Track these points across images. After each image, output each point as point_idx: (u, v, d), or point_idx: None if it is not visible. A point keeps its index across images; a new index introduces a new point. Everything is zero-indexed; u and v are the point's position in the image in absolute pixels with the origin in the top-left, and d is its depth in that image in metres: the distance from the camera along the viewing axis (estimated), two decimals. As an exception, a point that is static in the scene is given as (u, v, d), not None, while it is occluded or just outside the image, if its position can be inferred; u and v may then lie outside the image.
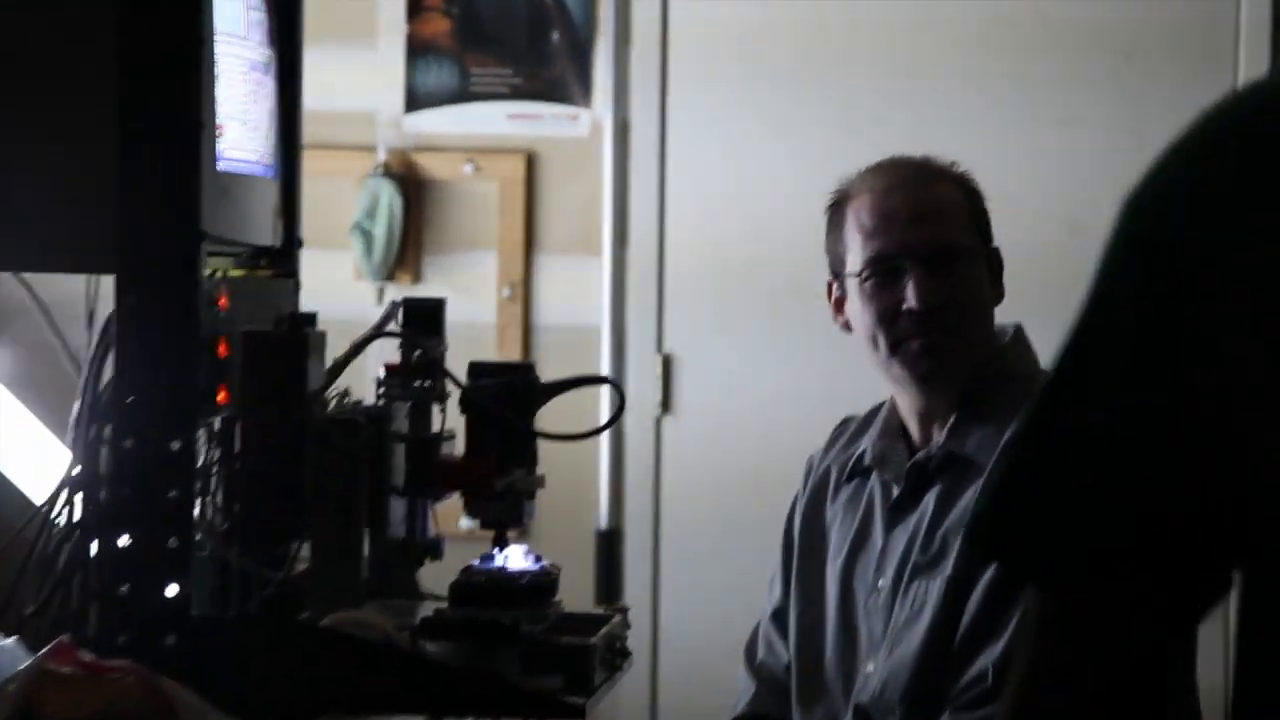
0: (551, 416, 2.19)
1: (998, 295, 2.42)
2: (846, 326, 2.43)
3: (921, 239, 2.35)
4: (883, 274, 2.35)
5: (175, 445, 1.98)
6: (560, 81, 4.14)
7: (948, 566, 2.30)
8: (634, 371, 4.09)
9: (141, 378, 1.98)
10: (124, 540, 1.97)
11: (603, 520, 4.15)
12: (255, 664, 1.98)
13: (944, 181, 2.40)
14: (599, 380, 2.33)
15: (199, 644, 1.96)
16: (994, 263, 2.42)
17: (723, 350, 4.11)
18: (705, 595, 4.04)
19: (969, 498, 2.31)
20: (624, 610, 2.27)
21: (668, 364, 4.13)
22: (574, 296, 4.15)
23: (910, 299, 2.33)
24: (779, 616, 2.53)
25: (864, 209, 2.38)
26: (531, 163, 4.15)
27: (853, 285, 2.39)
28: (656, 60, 4.11)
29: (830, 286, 2.44)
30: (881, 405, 2.50)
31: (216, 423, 2.13)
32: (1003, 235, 2.27)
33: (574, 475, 4.06)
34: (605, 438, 4.11)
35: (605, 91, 4.11)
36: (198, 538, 2.05)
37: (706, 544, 4.08)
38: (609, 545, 4.13)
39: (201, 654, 1.95)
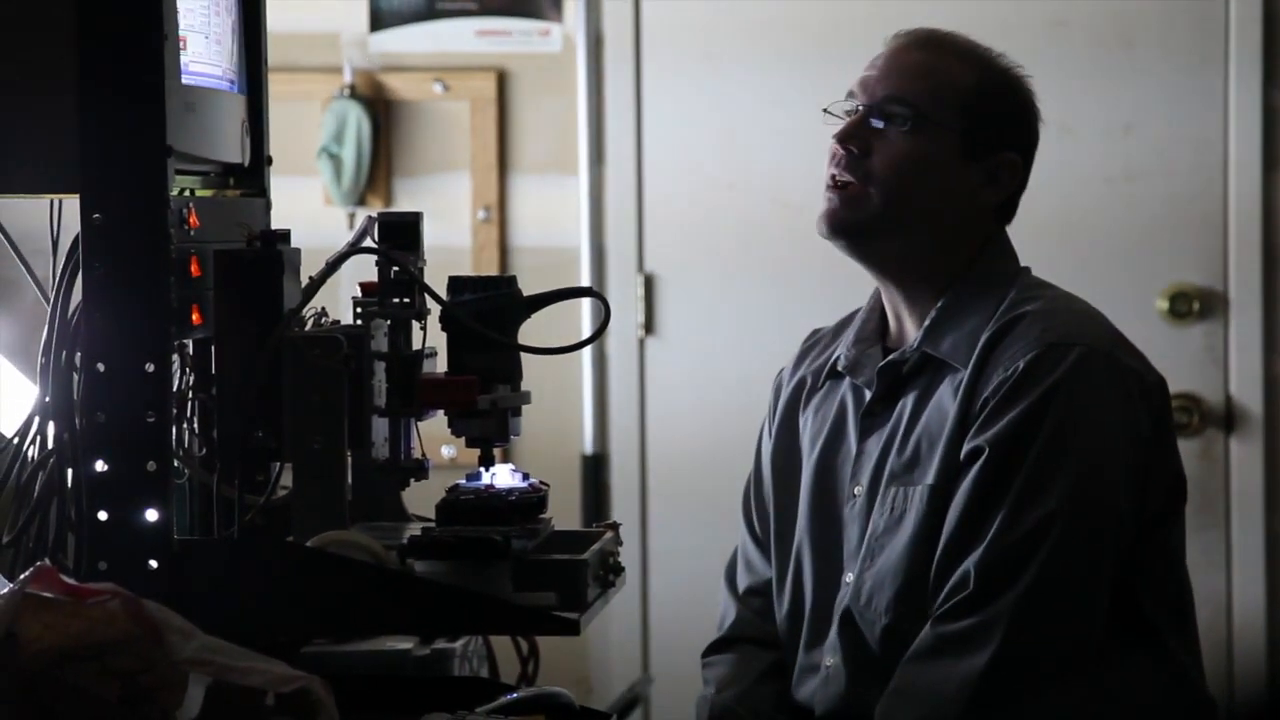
0: (532, 339, 2.14)
1: (988, 199, 2.37)
2: None
3: (871, 85, 2.36)
4: (850, 112, 2.37)
5: (150, 367, 1.94)
6: (530, -5, 4.09)
7: (928, 474, 2.28)
8: (615, 292, 4.06)
9: (111, 299, 1.94)
10: (100, 466, 1.93)
11: (588, 445, 4.11)
12: (241, 588, 1.95)
13: (950, 54, 2.38)
14: (583, 292, 2.27)
15: (182, 569, 1.92)
16: (989, 162, 2.36)
17: (705, 268, 4.07)
18: (693, 515, 4.01)
19: (942, 400, 2.30)
20: (615, 526, 2.23)
21: (649, 284, 4.09)
22: (551, 217, 4.11)
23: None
24: (755, 535, 2.52)
25: None
26: (503, 80, 4.10)
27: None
28: (629, -30, 4.05)
29: None
30: (852, 314, 2.48)
31: (190, 345, 2.09)
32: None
33: (557, 400, 4.03)
34: (588, 361, 4.08)
35: (577, 5, 4.05)
36: (176, 464, 2.00)
37: (693, 465, 4.05)
38: (595, 470, 4.10)
39: (185, 579, 1.92)
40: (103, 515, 1.93)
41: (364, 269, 2.16)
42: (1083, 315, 2.34)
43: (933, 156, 2.34)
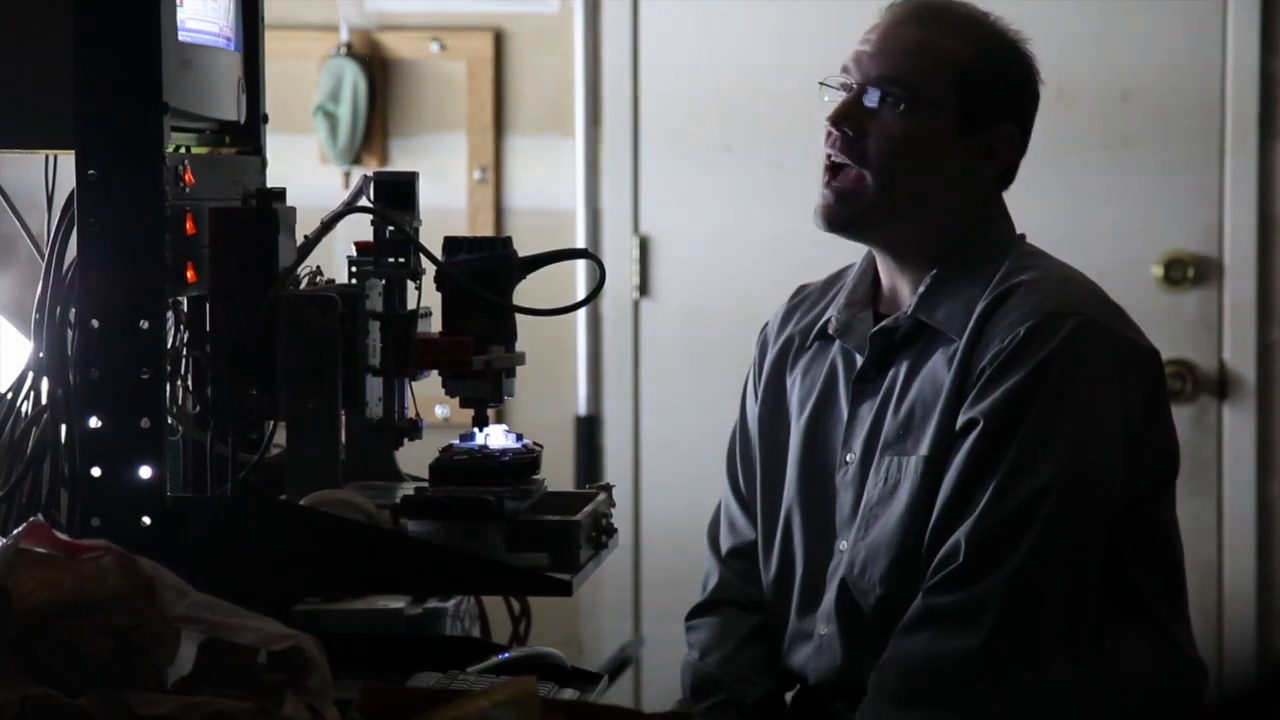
0: (527, 300, 2.14)
1: (985, 172, 2.34)
2: None
3: (864, 63, 2.32)
4: (845, 87, 2.34)
5: (144, 324, 1.94)
6: (528, -45, 4.08)
7: (922, 444, 2.27)
8: (610, 253, 4.06)
9: (106, 256, 1.94)
10: (94, 422, 1.94)
11: (581, 406, 4.12)
12: (233, 545, 1.95)
13: (945, 28, 2.34)
14: (578, 254, 2.26)
15: (175, 526, 1.93)
16: (986, 136, 2.33)
17: (700, 230, 4.07)
18: (686, 477, 4.02)
19: (935, 368, 2.29)
20: (608, 488, 2.23)
21: (644, 245, 4.09)
22: (547, 178, 4.10)
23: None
24: (739, 495, 2.51)
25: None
26: (500, 40, 4.09)
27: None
28: (627, -70, 4.04)
29: None
30: (842, 271, 2.46)
31: (185, 303, 2.09)
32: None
33: (551, 361, 4.03)
34: (582, 322, 4.08)
35: (575, -36, 4.05)
36: (170, 421, 2.01)
37: (687, 427, 4.06)
38: (588, 431, 4.11)
39: (178, 536, 1.93)
40: (96, 471, 1.94)
41: (359, 228, 2.16)
42: (1079, 285, 2.33)
43: (928, 136, 2.31)
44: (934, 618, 2.21)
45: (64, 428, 1.97)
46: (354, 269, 2.13)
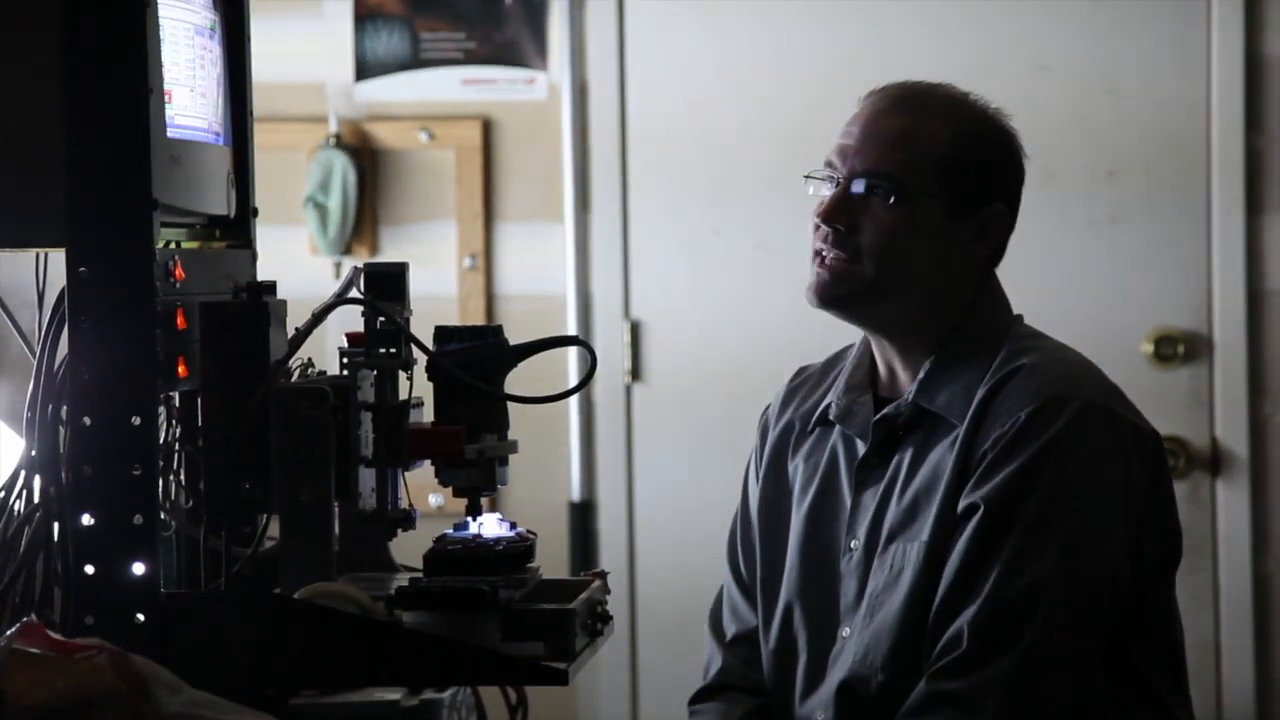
0: (519, 385, 2.14)
1: (979, 253, 2.34)
2: None
3: (849, 157, 2.32)
4: (831, 180, 2.34)
5: (136, 421, 1.94)
6: (515, 44, 4.10)
7: (924, 530, 2.27)
8: (601, 339, 4.06)
9: (97, 353, 1.94)
10: (87, 520, 1.93)
11: (575, 493, 4.11)
12: (228, 641, 1.94)
13: (926, 114, 2.33)
14: (569, 341, 2.27)
15: (169, 622, 1.92)
16: (977, 218, 2.33)
17: (692, 313, 4.08)
18: (682, 562, 4.01)
19: (938, 455, 2.28)
20: (603, 575, 2.23)
21: (635, 330, 4.10)
22: (537, 264, 4.11)
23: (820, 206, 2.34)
24: (741, 581, 2.50)
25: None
26: (488, 129, 4.11)
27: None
28: (614, 18, 4.07)
29: None
30: (842, 353, 2.46)
31: (176, 398, 2.09)
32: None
33: (544, 447, 4.03)
34: (575, 408, 4.08)
35: (562, 53, 4.07)
36: (163, 517, 2.00)
37: (681, 511, 4.05)
38: (582, 517, 4.10)
39: (172, 632, 1.92)
40: (89, 569, 1.93)
41: (350, 319, 2.17)
42: (1079, 367, 2.33)
43: (919, 226, 2.30)
44: (939, 703, 2.20)
45: (57, 526, 1.96)
46: (345, 360, 2.13)
